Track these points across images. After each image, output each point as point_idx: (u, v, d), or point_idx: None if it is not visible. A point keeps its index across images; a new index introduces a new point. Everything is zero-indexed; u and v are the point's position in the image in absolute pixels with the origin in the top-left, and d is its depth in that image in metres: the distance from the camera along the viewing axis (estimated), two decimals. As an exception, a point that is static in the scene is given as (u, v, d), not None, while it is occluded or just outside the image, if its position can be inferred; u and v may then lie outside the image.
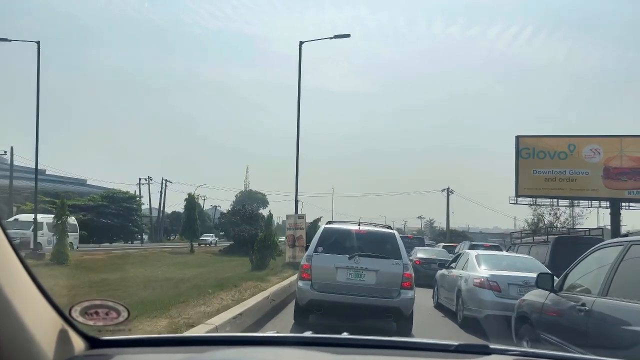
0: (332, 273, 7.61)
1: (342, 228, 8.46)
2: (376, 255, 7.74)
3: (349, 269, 7.58)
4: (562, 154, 40.97)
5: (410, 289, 7.62)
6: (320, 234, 8.23)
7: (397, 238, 8.09)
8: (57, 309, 1.51)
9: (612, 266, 4.35)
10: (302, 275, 7.81)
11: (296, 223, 18.52)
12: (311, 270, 7.70)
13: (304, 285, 7.68)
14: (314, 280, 7.65)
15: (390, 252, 7.82)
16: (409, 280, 7.60)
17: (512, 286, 8.71)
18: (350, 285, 7.53)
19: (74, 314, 1.60)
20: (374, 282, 7.55)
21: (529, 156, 41.75)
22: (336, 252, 7.79)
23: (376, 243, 8.06)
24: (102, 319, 1.67)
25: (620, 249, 4.42)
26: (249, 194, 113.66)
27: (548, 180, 41.21)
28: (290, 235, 18.56)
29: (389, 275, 7.59)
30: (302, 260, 8.10)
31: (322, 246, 7.91)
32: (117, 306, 1.69)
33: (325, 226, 8.58)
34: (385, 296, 7.51)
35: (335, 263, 7.65)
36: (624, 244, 4.44)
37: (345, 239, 8.08)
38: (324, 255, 7.78)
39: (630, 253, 4.23)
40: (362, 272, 7.55)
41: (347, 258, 7.63)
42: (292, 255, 18.44)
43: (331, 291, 7.53)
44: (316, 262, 7.75)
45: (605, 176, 40.32)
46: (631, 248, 4.26)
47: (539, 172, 41.47)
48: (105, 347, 1.68)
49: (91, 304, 1.66)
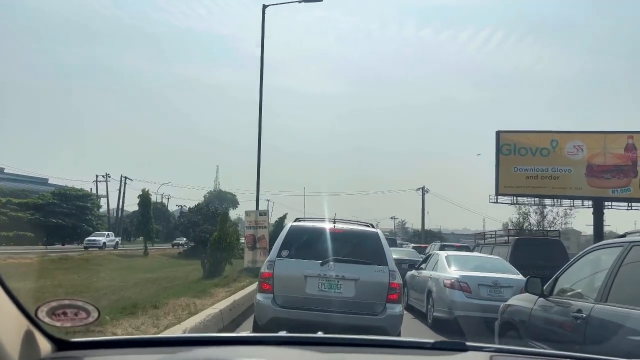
0: (299, 283, 6.25)
1: (313, 226, 7.05)
2: (356, 261, 6.39)
3: (322, 277, 6.24)
4: (545, 151, 39.15)
5: (398, 303, 6.33)
6: (285, 233, 6.82)
7: (382, 239, 6.80)
8: (22, 310, 1.47)
9: (612, 269, 4.08)
10: (262, 286, 6.38)
11: (257, 221, 15.56)
12: (273, 280, 6.31)
13: (264, 300, 6.26)
14: (277, 292, 6.27)
15: (373, 256, 6.49)
16: (396, 292, 6.29)
17: (482, 287, 8.67)
18: (322, 299, 6.17)
19: (40, 315, 1.55)
20: (352, 295, 6.20)
21: (510, 152, 39.78)
22: (305, 257, 6.46)
23: (356, 245, 6.73)
24: (70, 319, 1.61)
25: (620, 250, 4.15)
26: (218, 194, 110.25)
27: (529, 178, 39.32)
28: (249, 235, 15.56)
29: (372, 285, 6.28)
30: (262, 267, 6.60)
31: (288, 249, 6.55)
32: (86, 306, 1.63)
33: (293, 224, 7.14)
34: (367, 312, 6.19)
35: (304, 270, 6.28)
36: (623, 245, 4.18)
37: (316, 240, 6.71)
38: (289, 261, 6.42)
39: (631, 255, 3.97)
40: (337, 282, 6.22)
41: (319, 264, 6.27)
42: (252, 260, 15.44)
43: (298, 307, 6.16)
44: (280, 270, 6.35)
45: (589, 174, 38.69)
46: (632, 249, 4.00)
47: (520, 169, 39.54)
48: (73, 349, 1.64)
49: (59, 304, 1.60)
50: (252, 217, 15.64)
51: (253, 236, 15.49)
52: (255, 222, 15.54)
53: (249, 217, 15.72)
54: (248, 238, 15.51)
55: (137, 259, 29.27)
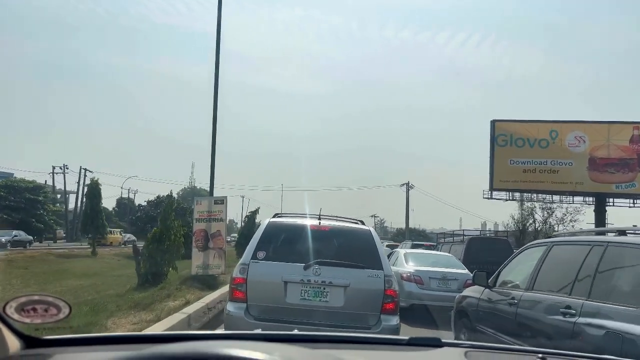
0: (278, 290, 5.29)
1: (294, 223, 6.00)
2: (345, 264, 5.46)
3: (305, 283, 5.31)
4: (543, 142, 35.90)
5: (395, 314, 5.40)
6: (261, 232, 5.74)
7: (375, 238, 5.84)
8: None
9: (537, 264, 4.93)
10: (234, 293, 5.33)
11: (211, 212, 11.52)
12: (247, 287, 5.29)
13: (236, 311, 5.24)
14: (251, 301, 5.27)
15: (365, 258, 5.53)
16: (393, 301, 5.37)
17: (432, 280, 10.12)
18: (306, 309, 5.23)
19: (8, 311, 1.49)
20: (341, 304, 5.29)
21: (506, 144, 36.43)
22: (285, 259, 5.46)
23: (345, 246, 5.79)
24: (40, 316, 1.56)
25: (544, 248, 5.03)
26: (192, 190, 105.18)
27: (527, 172, 36.05)
28: (200, 231, 11.49)
29: (365, 293, 5.38)
30: (234, 272, 5.46)
31: (265, 250, 5.52)
32: (57, 302, 1.58)
33: (271, 220, 6.02)
34: (358, 325, 5.24)
35: (284, 275, 5.32)
36: (547, 244, 5.11)
37: (298, 239, 5.75)
38: (267, 264, 5.40)
39: (551, 252, 4.86)
40: (324, 289, 5.32)
41: (302, 267, 5.34)
42: (202, 264, 11.37)
43: (277, 318, 5.14)
44: (255, 274, 5.33)
45: (591, 167, 35.55)
46: (553, 248, 4.92)
47: (516, 162, 36.22)
48: (43, 346, 1.58)
49: (28, 299, 1.54)
50: (203, 207, 11.57)
51: (205, 232, 11.44)
52: (208, 213, 11.51)
53: (200, 207, 11.62)
54: (198, 235, 11.45)
55: (79, 260, 24.90)
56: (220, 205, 11.71)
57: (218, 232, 11.59)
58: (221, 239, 11.58)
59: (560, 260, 4.73)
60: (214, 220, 11.59)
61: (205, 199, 12.04)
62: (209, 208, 11.66)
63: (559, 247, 4.90)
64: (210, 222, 11.58)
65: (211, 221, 11.59)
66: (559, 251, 4.83)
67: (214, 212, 11.62)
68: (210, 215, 11.60)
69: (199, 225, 11.58)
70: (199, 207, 11.76)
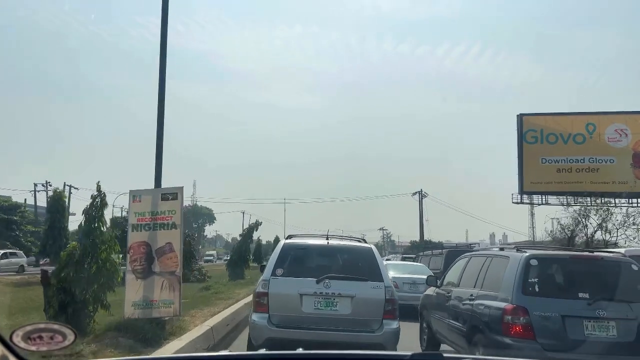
0: (295, 302, 6.22)
1: (306, 243, 7.16)
2: (351, 277, 6.43)
3: (318, 295, 6.24)
4: (579, 137, 31.32)
5: (395, 319, 6.38)
6: (279, 251, 6.68)
7: (376, 254, 6.87)
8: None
9: (463, 269, 7.29)
10: (257, 305, 6.27)
11: (156, 213, 7.02)
12: (268, 299, 6.20)
13: (260, 320, 6.18)
14: (273, 312, 6.19)
15: (368, 272, 6.52)
16: (393, 308, 6.35)
17: (405, 284, 12.76)
18: (319, 317, 6.19)
19: (15, 340, 1.55)
20: (349, 312, 6.24)
21: (536, 140, 31.87)
22: (300, 275, 6.45)
23: (350, 262, 6.86)
24: (46, 343, 1.62)
25: (467, 259, 7.45)
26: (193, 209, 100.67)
27: (562, 172, 31.43)
28: (138, 245, 6.99)
29: (369, 302, 6.31)
30: (257, 287, 6.44)
31: (282, 267, 6.45)
32: (62, 329, 1.65)
33: (286, 242, 7.04)
34: (364, 330, 6.24)
35: (300, 289, 6.26)
36: (469, 256, 7.60)
37: (310, 257, 6.92)
38: (284, 280, 6.33)
39: (470, 261, 7.25)
40: (334, 300, 6.25)
41: (315, 282, 6.29)
42: (143, 300, 6.82)
43: (295, 326, 6.13)
44: (275, 289, 6.25)
45: (637, 164, 30.91)
46: (471, 259, 7.34)
47: (549, 160, 31.63)
48: None
49: (34, 327, 1.62)
50: (144, 206, 7.06)
51: (146, 247, 6.96)
52: (151, 215, 7.01)
53: (138, 206, 7.09)
54: (135, 251, 6.96)
55: (26, 290, 20.14)
56: (171, 202, 7.21)
57: (169, 247, 7.09)
58: (174, 258, 7.07)
59: (473, 266, 7.00)
60: (161, 227, 7.09)
61: (147, 192, 7.45)
62: (154, 207, 7.15)
63: (474, 258, 7.33)
64: (156, 229, 7.08)
65: (157, 228, 7.08)
66: (474, 260, 7.15)
67: (161, 215, 7.12)
68: (155, 218, 7.09)
69: (137, 235, 7.05)
70: (138, 207, 7.23)
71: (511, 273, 5.64)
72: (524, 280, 5.50)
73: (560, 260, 6.12)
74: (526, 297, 5.42)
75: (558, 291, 5.75)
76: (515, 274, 5.57)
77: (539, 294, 5.49)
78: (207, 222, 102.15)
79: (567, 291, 5.69)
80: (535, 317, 5.26)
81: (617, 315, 5.31)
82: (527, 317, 5.26)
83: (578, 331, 5.23)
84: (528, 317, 5.25)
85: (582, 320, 5.27)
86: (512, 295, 5.43)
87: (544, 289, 5.57)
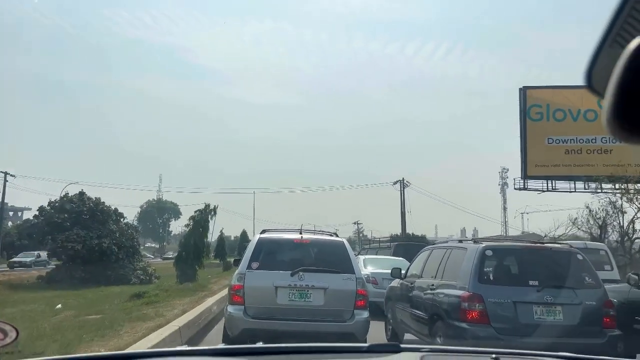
0: (270, 294, 6.63)
1: (280, 237, 7.60)
2: (324, 270, 6.83)
3: (292, 288, 6.67)
4: (590, 113, 27.48)
5: (365, 309, 6.81)
6: (254, 245, 7.17)
7: (347, 248, 7.36)
8: None
9: (425, 260, 7.71)
10: (233, 298, 6.72)
11: None
12: (244, 292, 6.62)
13: (235, 311, 6.57)
14: (248, 304, 6.60)
15: (340, 265, 6.93)
16: (363, 299, 6.80)
17: (385, 280, 11.71)
18: (293, 309, 6.60)
19: None
20: (322, 303, 6.66)
21: (541, 117, 28.02)
22: (275, 268, 6.85)
23: (323, 255, 7.25)
24: None
25: (429, 251, 7.97)
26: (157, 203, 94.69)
27: (570, 153, 27.63)
28: None
29: (340, 293, 6.73)
30: (233, 280, 6.90)
31: (257, 261, 6.88)
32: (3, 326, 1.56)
33: (261, 236, 7.46)
34: (336, 319, 6.64)
35: (275, 281, 6.67)
36: (430, 249, 8.19)
37: (285, 250, 7.33)
38: (260, 273, 6.76)
39: (432, 253, 7.71)
40: (307, 292, 6.67)
41: (289, 274, 6.70)
42: None
43: (270, 317, 6.53)
44: (250, 282, 6.68)
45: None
46: (433, 250, 7.83)
47: (556, 140, 27.81)
48: None
49: None
50: None
51: None
52: None
53: None
54: None
55: None
56: None
57: None
58: None
59: (434, 258, 7.42)
60: None
61: None
62: None
63: (435, 250, 7.80)
64: None
65: None
66: (435, 252, 7.61)
67: None
68: None
69: None
70: None
71: (468, 263, 6.08)
72: (479, 269, 5.95)
73: (513, 251, 6.67)
74: (482, 285, 5.85)
75: (511, 279, 6.26)
76: (472, 264, 6.00)
77: (494, 282, 5.97)
78: (172, 217, 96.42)
79: (519, 279, 6.20)
80: (489, 304, 5.67)
81: (564, 300, 5.78)
82: (482, 304, 5.67)
83: (528, 316, 5.68)
84: (483, 304, 5.66)
85: (532, 305, 5.72)
86: (469, 284, 5.86)
87: (498, 278, 6.10)
